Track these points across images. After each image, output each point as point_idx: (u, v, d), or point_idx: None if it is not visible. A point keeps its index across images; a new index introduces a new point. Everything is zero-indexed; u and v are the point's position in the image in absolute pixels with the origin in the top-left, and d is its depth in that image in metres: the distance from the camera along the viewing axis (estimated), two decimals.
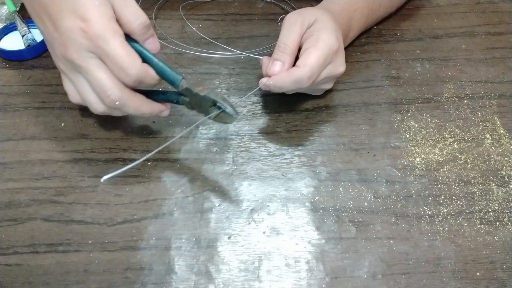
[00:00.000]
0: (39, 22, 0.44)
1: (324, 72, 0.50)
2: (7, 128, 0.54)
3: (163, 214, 0.47)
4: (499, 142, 0.53)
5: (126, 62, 0.41)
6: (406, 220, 0.46)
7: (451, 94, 0.58)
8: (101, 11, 0.40)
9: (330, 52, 0.49)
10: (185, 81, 0.44)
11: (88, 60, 0.41)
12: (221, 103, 0.43)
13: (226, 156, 0.51)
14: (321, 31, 0.49)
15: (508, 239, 0.45)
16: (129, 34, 0.43)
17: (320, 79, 0.50)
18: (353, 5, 0.58)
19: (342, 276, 0.43)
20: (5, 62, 0.62)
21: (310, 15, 0.51)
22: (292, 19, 0.51)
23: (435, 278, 0.43)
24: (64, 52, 0.42)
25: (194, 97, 0.44)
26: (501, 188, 0.49)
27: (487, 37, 0.66)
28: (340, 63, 0.51)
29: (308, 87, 0.50)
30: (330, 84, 0.54)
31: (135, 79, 0.42)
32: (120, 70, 0.41)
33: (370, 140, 0.53)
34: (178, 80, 0.43)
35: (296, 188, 0.49)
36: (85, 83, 0.44)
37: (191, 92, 0.44)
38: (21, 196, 0.48)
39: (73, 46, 0.41)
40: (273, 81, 0.49)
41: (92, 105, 0.45)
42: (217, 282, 0.42)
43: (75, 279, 0.42)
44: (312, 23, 0.51)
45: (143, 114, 0.46)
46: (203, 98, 0.44)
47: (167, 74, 0.43)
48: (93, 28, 0.39)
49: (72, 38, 0.40)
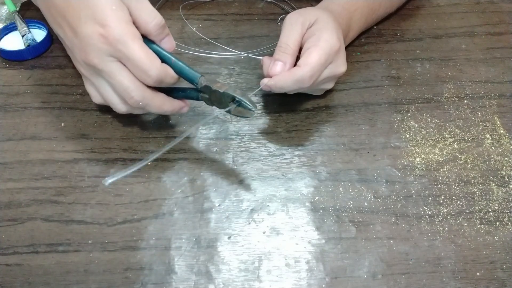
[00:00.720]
0: (57, 28, 0.45)
1: (326, 72, 0.50)
2: (7, 128, 0.54)
3: (163, 214, 0.47)
4: (499, 142, 0.53)
5: (146, 64, 0.42)
6: (406, 220, 0.46)
7: (451, 94, 0.58)
8: (118, 16, 0.41)
9: (331, 51, 0.49)
10: (204, 78, 0.45)
11: (109, 64, 0.43)
12: (240, 99, 0.45)
13: (226, 156, 0.51)
14: (322, 30, 0.50)
15: (508, 239, 0.45)
16: (145, 35, 0.44)
17: (321, 79, 0.50)
18: (353, 5, 0.58)
19: (342, 276, 0.43)
20: (5, 62, 0.62)
21: (311, 15, 0.51)
22: (293, 19, 0.51)
23: (435, 278, 0.43)
24: (85, 57, 0.43)
25: (213, 94, 0.46)
26: (501, 188, 0.49)
27: (487, 37, 0.66)
28: (341, 62, 0.51)
29: (309, 87, 0.50)
30: (331, 84, 0.54)
31: (156, 80, 0.43)
32: (141, 72, 0.43)
33: (370, 140, 0.53)
34: (197, 78, 0.45)
35: (296, 188, 0.49)
36: (107, 85, 0.45)
37: (210, 89, 0.45)
38: (21, 196, 0.48)
39: (94, 51, 0.42)
40: (274, 81, 0.48)
41: (115, 106, 0.47)
42: (217, 282, 0.42)
43: (75, 279, 0.42)
44: (313, 23, 0.51)
45: (165, 112, 0.47)
46: (223, 94, 0.45)
47: (185, 72, 0.45)
48: (112, 33, 0.41)
49: (92, 44, 0.42)
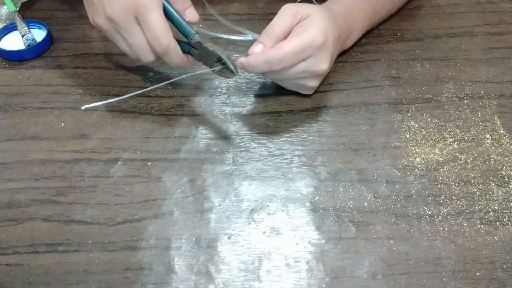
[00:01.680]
0: None
1: (302, 65, 0.50)
2: (7, 128, 0.54)
3: (163, 214, 0.47)
4: (499, 142, 0.53)
5: (162, 32, 0.49)
6: (406, 220, 0.46)
7: (451, 94, 0.58)
8: None
9: (312, 44, 0.49)
10: (198, 35, 0.51)
11: (130, 24, 0.49)
12: (225, 60, 0.49)
13: (226, 156, 0.51)
14: (311, 24, 0.50)
15: (508, 239, 0.45)
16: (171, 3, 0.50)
17: (297, 71, 0.51)
18: (357, 6, 0.59)
19: (342, 276, 0.43)
20: (5, 62, 0.62)
21: (306, 9, 0.52)
22: (287, 8, 0.52)
23: (435, 278, 0.43)
24: (110, 12, 0.48)
25: (203, 51, 0.51)
26: (501, 188, 0.49)
27: (487, 37, 0.66)
28: (322, 59, 0.51)
29: (285, 77, 0.52)
30: (314, 82, 0.54)
31: (163, 48, 0.49)
32: (154, 38, 0.49)
33: (370, 140, 0.53)
34: (192, 34, 0.51)
35: (296, 188, 0.49)
36: (122, 40, 0.51)
37: (201, 45, 0.50)
38: (21, 196, 0.48)
39: (120, 9, 0.48)
40: (247, 60, 0.50)
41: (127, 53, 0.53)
42: (217, 282, 0.42)
43: (75, 279, 0.42)
44: (306, 17, 0.51)
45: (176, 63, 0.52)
46: (211, 52, 0.50)
47: (184, 27, 0.51)
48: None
49: (121, 2, 0.48)
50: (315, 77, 0.53)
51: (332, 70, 0.59)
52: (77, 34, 0.66)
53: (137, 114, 0.55)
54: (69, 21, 0.68)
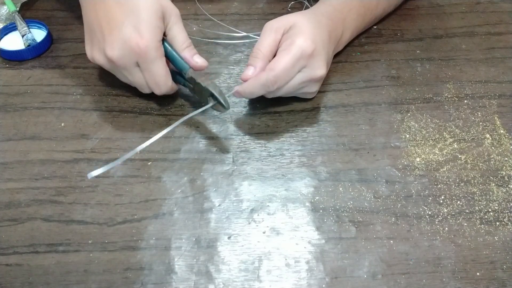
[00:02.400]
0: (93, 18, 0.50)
1: (299, 76, 0.50)
2: (7, 128, 0.54)
3: (163, 214, 0.47)
4: (499, 142, 0.53)
5: (162, 80, 0.51)
6: (406, 220, 0.46)
7: (451, 94, 0.58)
8: (155, 33, 0.49)
9: (302, 55, 0.49)
10: (191, 70, 0.52)
11: (131, 66, 0.50)
12: (217, 96, 0.50)
13: (226, 156, 0.52)
14: (297, 35, 0.50)
15: (508, 239, 0.45)
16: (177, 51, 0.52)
17: (296, 83, 0.51)
18: (347, 5, 0.58)
19: (342, 276, 0.43)
20: (5, 62, 0.62)
21: (288, 21, 0.52)
22: (268, 26, 0.52)
23: (435, 278, 0.43)
24: (111, 53, 0.49)
25: (196, 86, 0.51)
26: (501, 188, 0.49)
27: (487, 37, 0.66)
28: (317, 66, 0.51)
29: (287, 92, 0.51)
30: (314, 88, 0.54)
31: (161, 92, 0.52)
32: (154, 84, 0.51)
33: (370, 140, 0.53)
34: (186, 69, 0.52)
35: (296, 188, 0.49)
36: (120, 74, 0.52)
37: (195, 81, 0.51)
38: (21, 196, 0.48)
39: (122, 53, 0.48)
40: (243, 88, 0.50)
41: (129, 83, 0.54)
42: (217, 282, 0.42)
43: (75, 279, 0.42)
44: (289, 29, 0.51)
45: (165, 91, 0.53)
46: (204, 88, 0.50)
47: (178, 62, 0.52)
48: (146, 45, 0.48)
49: (124, 46, 0.48)
50: (315, 83, 0.53)
51: (332, 70, 0.59)
52: (77, 34, 0.66)
53: (137, 114, 0.55)
54: (69, 21, 0.68)
